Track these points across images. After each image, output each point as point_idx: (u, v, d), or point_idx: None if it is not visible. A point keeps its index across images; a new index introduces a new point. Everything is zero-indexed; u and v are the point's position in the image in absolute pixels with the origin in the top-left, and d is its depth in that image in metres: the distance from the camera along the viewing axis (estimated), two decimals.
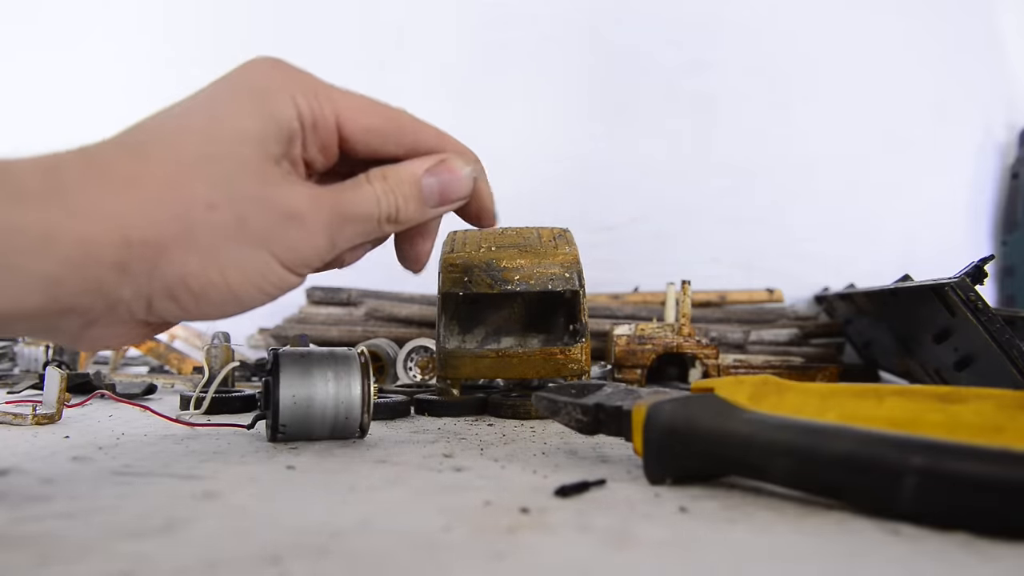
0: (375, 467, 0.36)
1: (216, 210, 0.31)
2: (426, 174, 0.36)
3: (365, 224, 0.35)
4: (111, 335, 0.32)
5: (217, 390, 0.53)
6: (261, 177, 0.32)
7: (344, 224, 0.34)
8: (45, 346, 0.81)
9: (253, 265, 0.32)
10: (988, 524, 0.24)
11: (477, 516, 0.27)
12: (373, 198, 0.35)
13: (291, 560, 0.22)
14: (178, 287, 0.31)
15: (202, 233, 0.30)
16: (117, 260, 0.29)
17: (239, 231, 0.31)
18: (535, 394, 0.39)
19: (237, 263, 0.32)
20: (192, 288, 0.31)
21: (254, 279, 0.32)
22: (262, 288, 0.33)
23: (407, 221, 0.36)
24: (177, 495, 0.30)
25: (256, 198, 0.32)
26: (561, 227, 0.62)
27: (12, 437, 0.43)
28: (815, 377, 0.75)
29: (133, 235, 0.29)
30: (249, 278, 0.32)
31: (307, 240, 0.33)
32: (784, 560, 0.23)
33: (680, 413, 0.32)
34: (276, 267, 0.33)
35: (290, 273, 0.33)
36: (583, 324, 0.58)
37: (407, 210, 0.35)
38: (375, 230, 0.35)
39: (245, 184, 0.32)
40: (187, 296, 0.31)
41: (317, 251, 0.34)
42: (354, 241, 0.35)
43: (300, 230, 0.33)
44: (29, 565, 0.22)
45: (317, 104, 0.34)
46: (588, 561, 0.23)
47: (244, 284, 0.32)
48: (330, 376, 0.41)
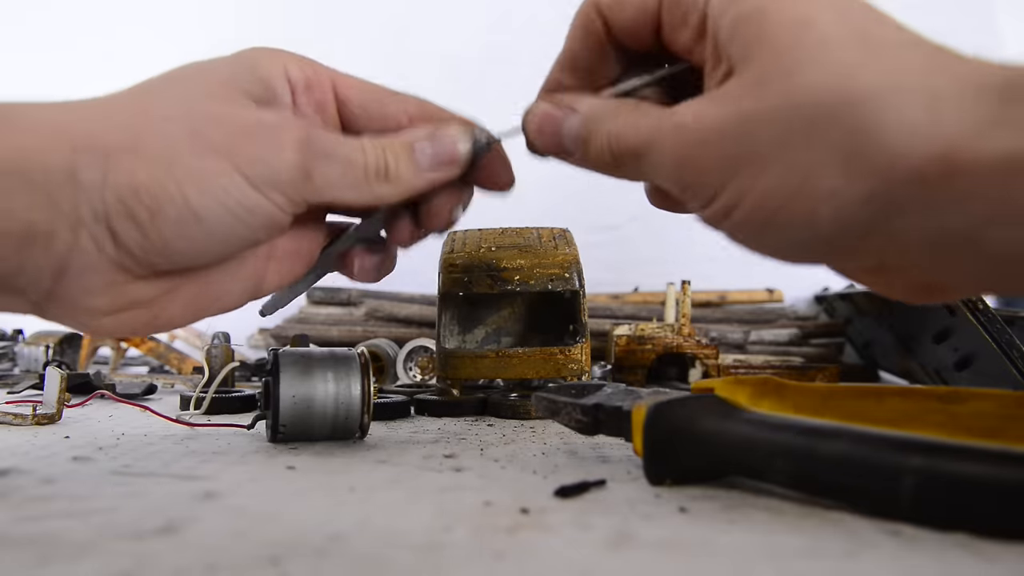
0: (375, 467, 0.36)
1: (170, 121, 0.29)
2: (420, 138, 0.34)
3: (349, 169, 0.32)
4: (90, 287, 0.30)
5: (217, 390, 0.53)
6: (226, 100, 0.31)
7: (321, 157, 0.31)
8: (45, 346, 0.81)
9: (212, 176, 0.29)
10: (988, 524, 0.24)
11: (477, 516, 0.27)
12: (358, 146, 0.33)
13: (291, 560, 0.22)
14: (132, 200, 0.28)
15: (153, 141, 0.29)
16: (65, 167, 0.28)
17: (195, 140, 0.29)
18: (535, 394, 0.39)
19: (193, 173, 0.29)
20: (145, 201, 0.29)
21: (213, 190, 0.29)
22: (223, 203, 0.30)
23: (399, 179, 0.33)
24: (177, 495, 0.30)
25: (217, 114, 0.30)
26: (561, 227, 0.62)
27: (12, 437, 0.43)
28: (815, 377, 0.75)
29: (78, 141, 0.28)
30: (208, 190, 0.29)
31: (272, 152, 0.30)
32: (784, 560, 0.23)
33: (680, 413, 0.32)
34: (239, 180, 0.30)
35: (254, 190, 0.30)
36: (583, 324, 0.58)
37: (397, 167, 0.33)
38: (361, 180, 0.32)
39: (206, 103, 0.30)
40: (143, 212, 0.29)
41: (287, 169, 0.31)
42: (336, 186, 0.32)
43: (265, 141, 0.30)
44: (29, 565, 0.22)
45: (311, 69, 0.34)
46: (588, 561, 0.23)
47: (202, 197, 0.29)
48: (330, 376, 0.41)
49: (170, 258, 0.31)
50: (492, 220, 0.61)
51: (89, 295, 0.30)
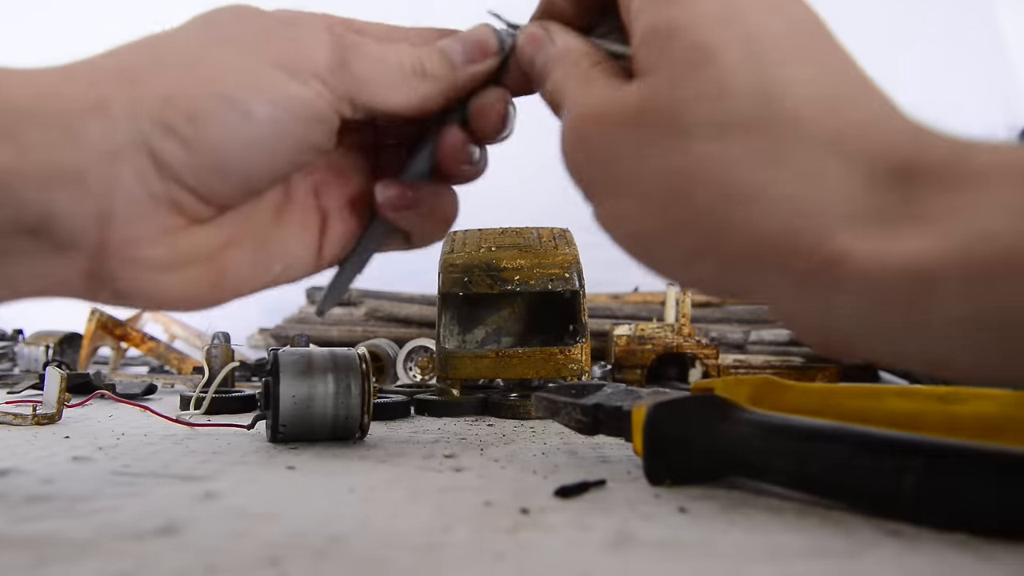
0: (375, 467, 0.36)
1: (190, 33, 0.29)
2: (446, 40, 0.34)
3: (384, 66, 0.32)
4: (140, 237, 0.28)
5: (217, 390, 0.53)
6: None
7: (352, 50, 0.31)
8: (45, 346, 0.81)
9: (246, 70, 0.29)
10: (988, 524, 0.24)
11: (477, 516, 0.27)
12: (390, 50, 0.32)
13: (291, 561, 0.22)
14: (167, 111, 0.27)
15: (175, 51, 0.29)
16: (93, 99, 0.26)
17: (221, 42, 0.29)
18: (535, 394, 0.39)
19: (223, 68, 0.28)
20: (183, 108, 0.27)
21: (250, 85, 0.28)
22: (266, 94, 0.28)
23: (435, 76, 0.33)
24: (177, 495, 0.30)
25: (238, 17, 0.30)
26: (561, 227, 0.62)
27: (12, 437, 0.43)
28: (815, 377, 0.75)
29: (101, 68, 0.28)
30: (243, 83, 0.28)
31: (305, 41, 0.30)
32: (784, 560, 0.23)
33: (680, 413, 0.32)
34: (273, 72, 0.29)
35: (294, 80, 0.29)
36: (583, 324, 0.58)
37: (432, 65, 0.33)
38: (397, 76, 0.32)
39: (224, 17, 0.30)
40: (182, 121, 0.27)
41: (321, 54, 0.30)
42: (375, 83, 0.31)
43: (294, 33, 0.30)
44: (29, 565, 0.22)
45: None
46: (588, 561, 0.23)
47: (239, 88, 0.28)
48: (330, 376, 0.41)
49: (222, 174, 0.29)
50: (492, 220, 0.61)
51: (143, 244, 0.28)
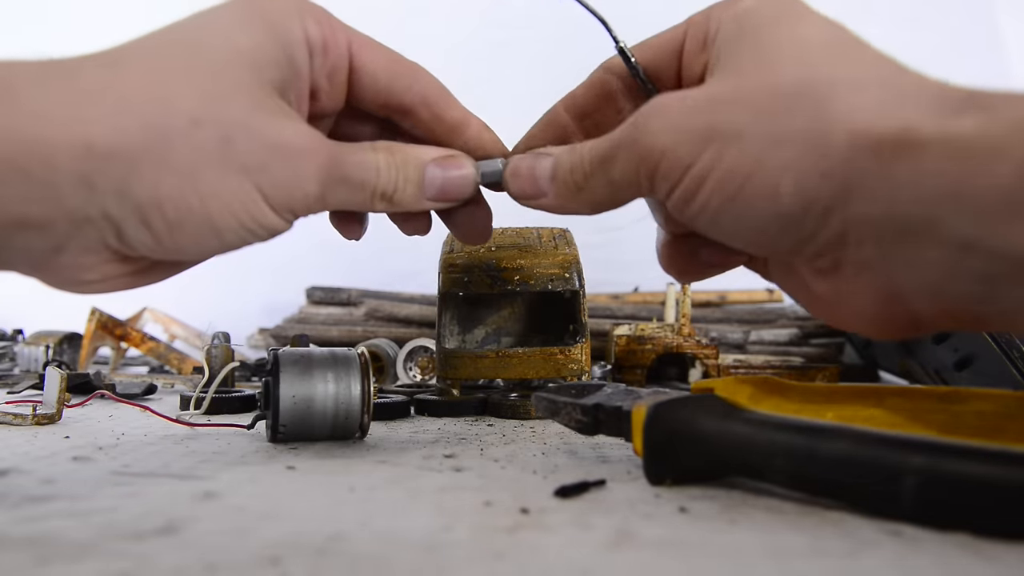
0: (375, 467, 0.36)
1: (200, 127, 0.28)
2: (433, 163, 0.34)
3: (360, 192, 0.32)
4: (81, 266, 0.29)
5: (217, 390, 0.53)
6: (255, 102, 0.29)
7: (339, 183, 0.32)
8: (45, 346, 0.81)
9: (236, 195, 0.29)
10: (988, 524, 0.24)
11: (477, 516, 0.27)
12: (374, 167, 0.32)
13: (291, 560, 0.22)
14: (151, 211, 0.28)
15: (181, 149, 0.27)
16: (78, 171, 0.26)
17: (224, 154, 0.28)
18: (535, 394, 0.39)
19: (219, 190, 0.28)
20: (167, 214, 0.28)
21: (236, 211, 0.29)
22: (244, 223, 0.30)
23: (400, 204, 0.34)
24: (177, 495, 0.30)
25: (247, 123, 0.29)
26: (561, 227, 0.62)
27: (12, 437, 0.43)
28: (815, 377, 0.75)
29: (97, 142, 0.26)
30: (230, 209, 0.29)
31: (297, 182, 0.30)
32: (784, 560, 0.23)
33: (680, 413, 0.32)
34: (260, 203, 0.30)
35: (274, 213, 0.30)
36: (583, 324, 0.58)
37: (404, 192, 0.33)
38: (367, 202, 0.33)
39: (236, 105, 0.29)
40: (161, 223, 0.28)
41: (305, 198, 0.31)
42: (343, 205, 0.33)
43: (291, 168, 0.30)
44: (29, 565, 0.22)
45: (329, 29, 0.32)
46: (588, 561, 0.23)
47: (224, 215, 0.29)
48: (330, 376, 0.41)
49: (172, 256, 0.31)
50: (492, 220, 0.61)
51: (82, 271, 0.30)
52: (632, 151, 0.30)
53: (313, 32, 0.32)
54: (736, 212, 0.29)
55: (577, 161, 0.33)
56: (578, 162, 0.33)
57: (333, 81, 0.33)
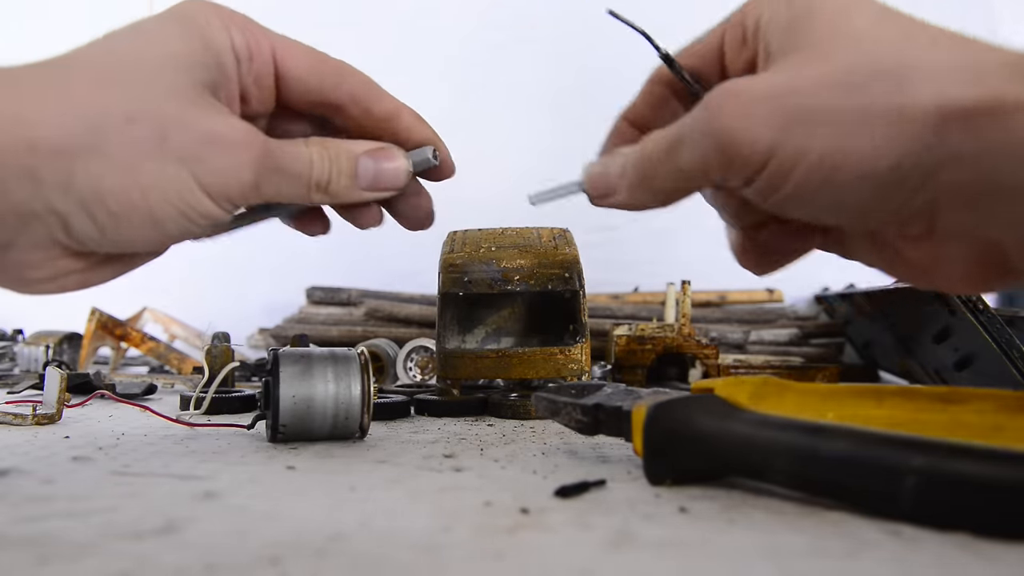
0: (375, 467, 0.36)
1: (135, 123, 0.30)
2: (365, 155, 0.36)
3: (295, 182, 0.34)
4: (30, 263, 0.31)
5: (217, 390, 0.53)
6: (187, 100, 0.31)
7: (273, 173, 0.33)
8: (45, 346, 0.81)
9: (173, 185, 0.31)
10: (988, 524, 0.24)
11: (477, 516, 0.27)
12: (307, 159, 0.34)
13: (291, 560, 0.22)
14: (94, 203, 0.29)
15: (119, 145, 0.29)
16: (23, 166, 0.28)
17: (159, 147, 0.30)
18: (535, 394, 0.39)
19: (157, 181, 0.30)
20: (109, 206, 0.30)
21: (174, 200, 0.31)
22: (183, 212, 0.31)
23: (336, 195, 0.35)
24: (177, 495, 0.30)
25: (180, 117, 0.31)
26: (561, 227, 0.62)
27: (12, 437, 0.43)
28: (815, 377, 0.75)
29: (40, 141, 0.28)
30: (169, 198, 0.31)
31: (232, 169, 0.32)
32: (784, 560, 0.23)
33: (680, 413, 0.32)
34: (197, 191, 0.31)
35: (211, 202, 0.32)
36: (583, 324, 0.58)
37: (338, 183, 0.35)
38: (304, 193, 0.35)
39: (169, 103, 0.31)
40: (104, 215, 0.30)
41: (241, 185, 0.32)
42: (280, 196, 0.34)
43: (225, 156, 0.32)
44: (29, 565, 0.22)
45: (252, 37, 0.34)
46: (588, 561, 0.23)
47: (164, 205, 0.31)
48: (330, 376, 0.41)
49: (119, 248, 0.32)
50: (492, 220, 0.61)
51: (30, 268, 0.31)
52: (704, 136, 0.30)
53: (238, 40, 0.34)
54: (832, 191, 0.29)
55: (645, 152, 0.33)
56: (646, 152, 0.33)
57: (261, 85, 0.35)
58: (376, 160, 0.36)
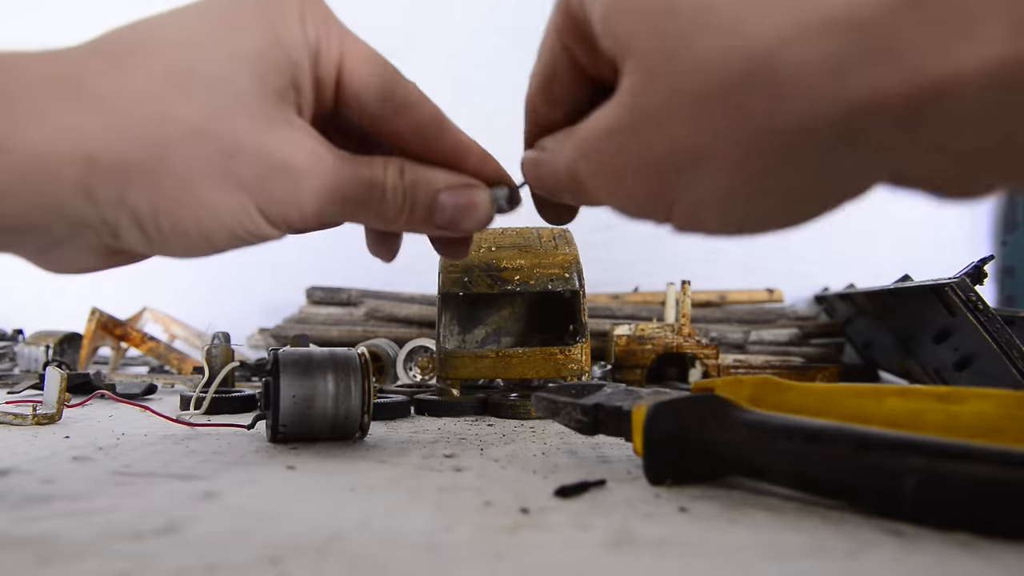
0: (375, 467, 0.36)
1: (199, 140, 0.27)
2: (446, 190, 0.32)
3: (362, 210, 0.31)
4: (75, 261, 0.30)
5: (217, 390, 0.53)
6: (258, 113, 0.28)
7: (340, 203, 0.30)
8: (45, 346, 0.81)
9: (231, 211, 0.28)
10: (988, 524, 0.24)
11: (477, 516, 0.27)
12: (380, 188, 0.31)
13: (291, 560, 0.22)
14: (147, 220, 0.28)
15: (179, 164, 0.27)
16: (80, 181, 0.26)
17: (222, 169, 0.28)
18: (535, 394, 0.39)
19: (214, 205, 0.28)
20: (161, 226, 0.28)
21: (230, 224, 0.29)
22: (236, 234, 0.29)
23: (402, 228, 0.33)
24: (177, 495, 0.30)
25: (247, 137, 0.28)
26: (561, 227, 0.62)
27: (12, 437, 0.43)
28: (815, 377, 0.75)
29: (99, 154, 0.26)
30: (224, 224, 0.29)
31: (295, 201, 0.29)
32: (784, 560, 0.23)
33: (680, 413, 0.32)
34: (256, 216, 0.29)
35: (269, 225, 0.30)
36: (583, 324, 0.58)
37: (410, 219, 0.32)
38: (366, 219, 0.32)
39: (238, 117, 0.28)
40: (155, 232, 0.28)
41: (303, 215, 0.30)
42: (342, 220, 0.32)
43: (291, 187, 0.29)
44: (29, 565, 0.22)
45: (325, 31, 0.30)
46: (588, 561, 0.23)
47: (217, 230, 0.29)
48: (330, 376, 0.41)
49: (167, 256, 0.31)
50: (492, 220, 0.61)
51: (77, 263, 0.30)
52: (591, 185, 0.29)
53: (311, 32, 0.30)
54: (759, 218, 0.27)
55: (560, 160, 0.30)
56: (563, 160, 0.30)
57: (320, 89, 0.31)
58: (457, 198, 0.32)
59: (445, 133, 0.32)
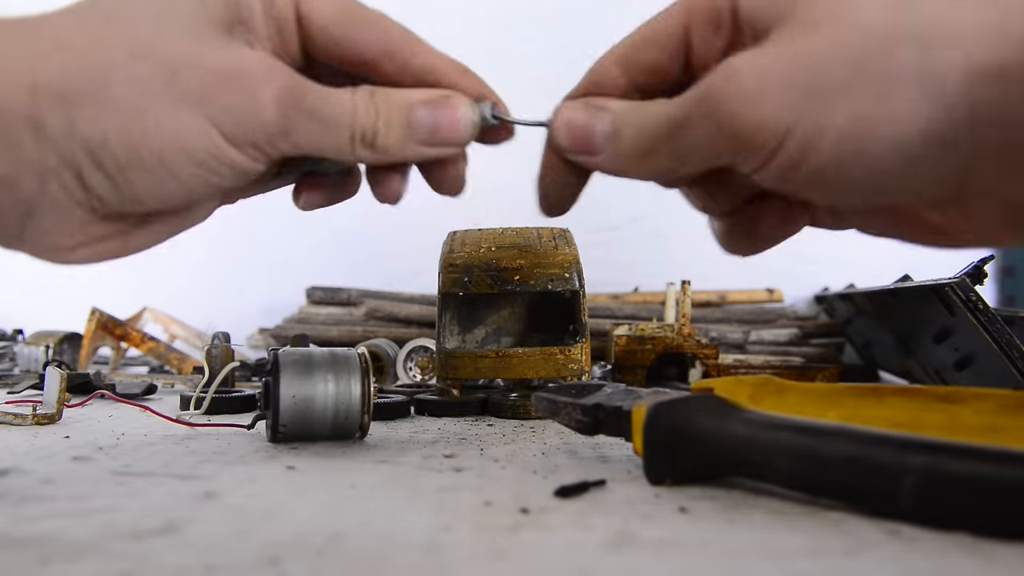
0: (375, 467, 0.36)
1: (140, 61, 0.27)
2: (421, 104, 0.31)
3: (333, 131, 0.30)
4: (58, 229, 0.29)
5: (217, 390, 0.53)
6: (200, 34, 0.28)
7: (305, 116, 0.29)
8: (45, 346, 0.81)
9: (185, 128, 0.27)
10: (988, 524, 0.24)
11: (477, 516, 0.27)
12: (349, 105, 0.30)
13: (291, 561, 0.22)
14: (101, 150, 0.27)
15: (121, 85, 0.27)
16: (28, 115, 0.26)
17: (168, 86, 0.27)
18: (535, 394, 0.39)
19: (164, 123, 0.27)
20: (116, 154, 0.27)
21: (187, 145, 0.28)
22: (200, 160, 0.28)
23: (384, 150, 0.31)
24: (177, 495, 0.30)
25: (191, 52, 0.27)
26: (561, 227, 0.62)
27: (12, 437, 0.43)
28: (815, 377, 0.75)
29: (40, 82, 0.26)
30: (180, 143, 0.27)
31: (251, 107, 0.28)
32: (784, 560, 0.23)
33: (680, 413, 0.32)
34: (214, 134, 0.28)
35: (231, 146, 0.28)
36: (583, 324, 0.58)
37: (387, 136, 0.30)
38: (344, 145, 0.30)
39: (180, 39, 0.28)
40: (112, 164, 0.27)
41: (264, 127, 0.28)
42: (316, 147, 0.30)
43: (243, 93, 0.28)
44: (29, 565, 0.22)
45: None
46: (588, 561, 0.23)
47: (174, 151, 0.27)
48: (330, 376, 0.41)
49: (141, 205, 0.30)
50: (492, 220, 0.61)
51: (58, 235, 0.29)
52: (710, 120, 0.28)
53: None
54: (857, 167, 0.27)
55: (647, 125, 0.30)
56: (648, 126, 0.30)
57: (282, 32, 0.31)
58: (435, 110, 0.31)
59: (417, 52, 0.32)
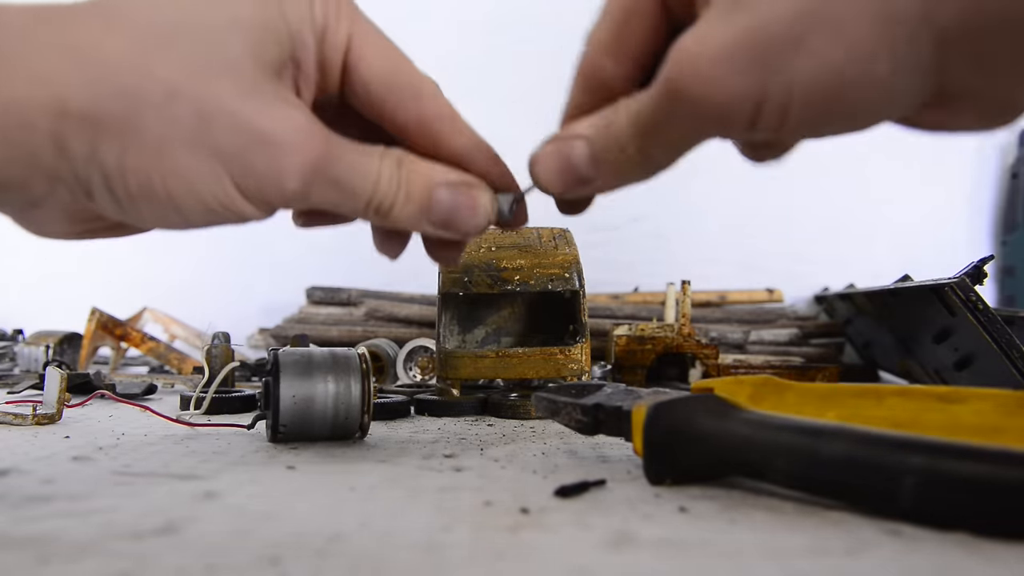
0: (375, 467, 0.36)
1: (176, 101, 0.26)
2: (444, 186, 0.30)
3: (350, 198, 0.29)
4: (54, 221, 0.29)
5: (217, 390, 0.53)
6: (245, 81, 0.27)
7: (328, 184, 0.28)
8: (45, 346, 0.81)
9: (202, 178, 0.27)
10: (988, 524, 0.24)
11: (477, 516, 0.27)
12: (374, 175, 0.29)
13: (291, 561, 0.22)
14: (116, 179, 0.26)
15: (152, 125, 0.26)
16: (53, 131, 0.25)
17: (196, 133, 0.26)
18: (535, 394, 0.39)
19: (184, 173, 0.26)
20: (129, 186, 0.26)
21: (201, 194, 0.27)
22: (209, 207, 0.27)
23: (396, 221, 0.30)
24: (177, 495, 0.30)
25: (229, 103, 0.26)
26: (561, 227, 0.62)
27: (12, 437, 0.43)
28: (815, 377, 0.75)
29: (70, 104, 0.25)
30: (196, 190, 0.27)
31: (275, 176, 0.27)
32: (784, 559, 0.23)
33: (680, 413, 0.32)
34: (230, 189, 0.27)
35: (246, 202, 0.28)
36: (583, 324, 0.58)
37: (403, 209, 0.30)
38: (357, 209, 0.30)
39: (222, 82, 0.26)
40: (124, 193, 0.27)
41: (283, 193, 0.28)
42: (331, 207, 0.29)
43: (271, 161, 0.27)
44: (29, 565, 0.22)
45: (334, 8, 0.28)
46: (588, 561, 0.23)
47: (187, 198, 0.27)
48: (330, 376, 0.41)
49: (141, 224, 0.30)
50: None
51: (57, 223, 0.29)
52: (684, 108, 0.27)
53: (318, 10, 0.28)
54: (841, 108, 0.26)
55: (623, 134, 0.28)
56: (625, 135, 0.28)
57: (325, 73, 0.30)
58: (456, 195, 0.30)
59: (455, 132, 0.31)
